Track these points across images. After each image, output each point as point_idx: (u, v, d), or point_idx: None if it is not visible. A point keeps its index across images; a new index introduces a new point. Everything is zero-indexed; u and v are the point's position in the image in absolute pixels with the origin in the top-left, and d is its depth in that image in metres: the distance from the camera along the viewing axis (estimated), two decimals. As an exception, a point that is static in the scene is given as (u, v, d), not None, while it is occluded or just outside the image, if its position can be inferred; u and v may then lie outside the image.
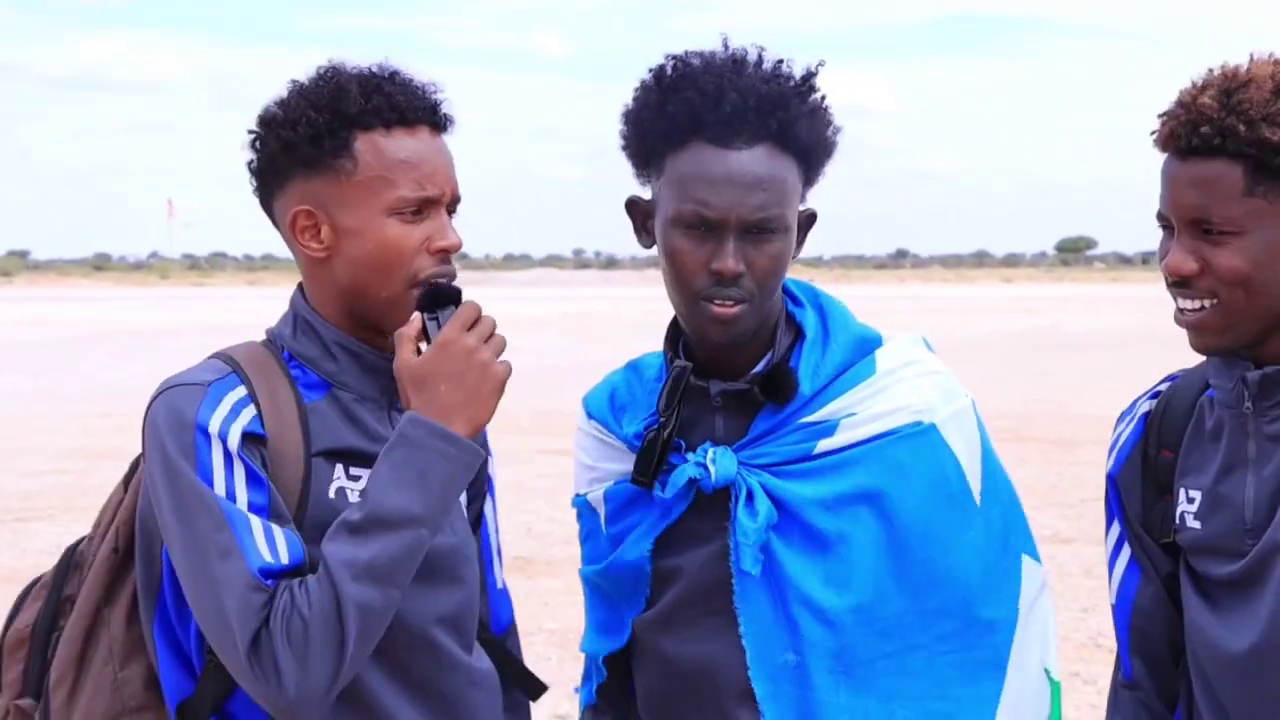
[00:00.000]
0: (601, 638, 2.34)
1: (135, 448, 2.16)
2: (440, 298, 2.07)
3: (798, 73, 2.18)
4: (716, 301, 2.12)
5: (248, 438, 2.01)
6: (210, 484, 1.97)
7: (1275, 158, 2.02)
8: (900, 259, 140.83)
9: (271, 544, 1.97)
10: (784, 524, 2.16)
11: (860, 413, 2.19)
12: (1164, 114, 2.13)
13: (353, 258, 2.09)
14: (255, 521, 1.97)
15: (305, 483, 2.05)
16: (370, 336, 2.14)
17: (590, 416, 2.34)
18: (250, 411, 2.03)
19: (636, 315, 36.30)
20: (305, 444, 2.06)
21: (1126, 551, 2.31)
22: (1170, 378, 2.32)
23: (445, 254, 2.11)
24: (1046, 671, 2.27)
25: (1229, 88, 2.07)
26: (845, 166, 2.25)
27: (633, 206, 2.25)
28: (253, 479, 1.99)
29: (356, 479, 2.08)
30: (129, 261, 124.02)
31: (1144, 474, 2.27)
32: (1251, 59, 2.12)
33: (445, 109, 2.14)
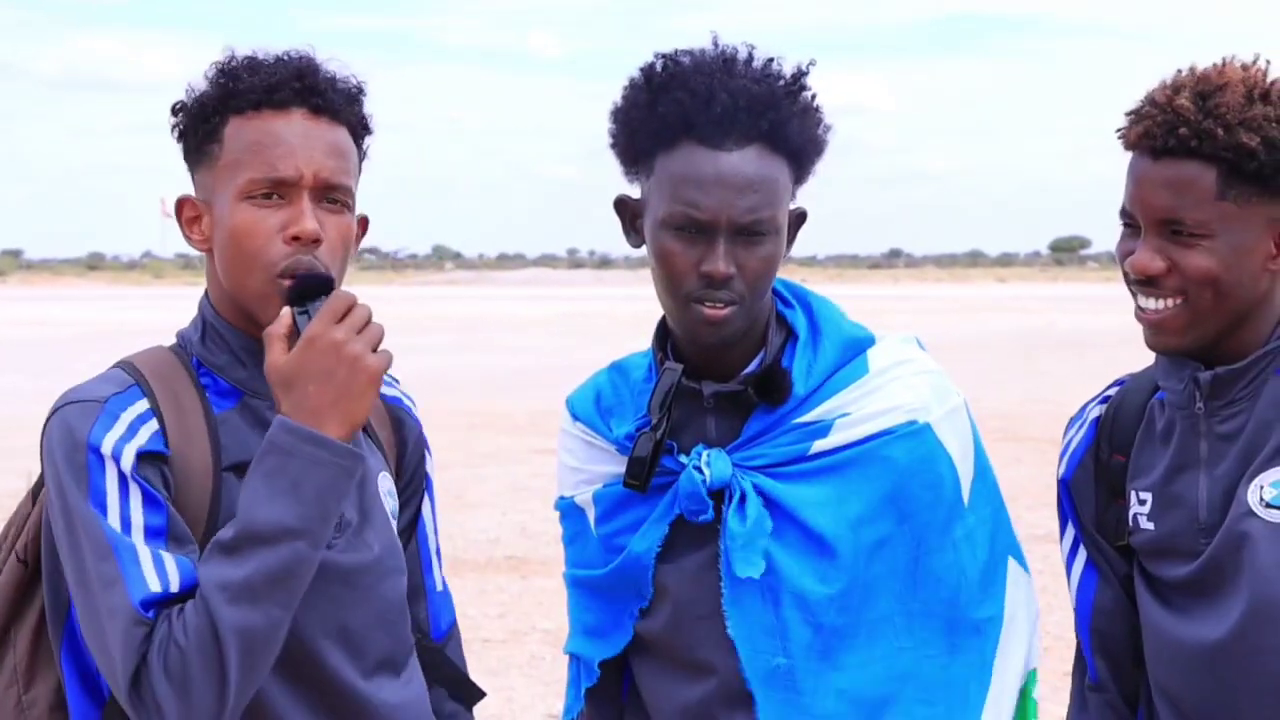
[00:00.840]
0: (594, 641, 2.31)
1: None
2: (309, 290, 1.93)
3: (788, 72, 2.17)
4: (707, 304, 2.10)
5: (144, 457, 1.90)
6: (104, 508, 1.87)
7: (1250, 162, 2.03)
8: (894, 259, 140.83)
9: (161, 572, 1.86)
10: (781, 525, 2.15)
11: (854, 413, 2.18)
12: (1133, 112, 2.14)
13: (219, 245, 1.99)
14: (144, 551, 1.86)
15: (215, 499, 1.94)
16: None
17: (576, 418, 2.32)
18: (151, 427, 1.93)
19: (631, 315, 36.27)
20: (215, 458, 1.95)
21: (1083, 554, 2.32)
22: (1118, 382, 2.33)
23: (299, 240, 1.95)
24: (1031, 675, 2.28)
25: (1204, 90, 2.08)
26: (842, 166, 2.24)
27: (621, 206, 2.23)
28: (149, 501, 1.89)
29: None
30: (123, 261, 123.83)
31: (1096, 478, 2.28)
32: (1223, 62, 2.12)
33: (328, 93, 2.00)
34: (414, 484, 2.25)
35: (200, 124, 1.99)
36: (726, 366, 2.20)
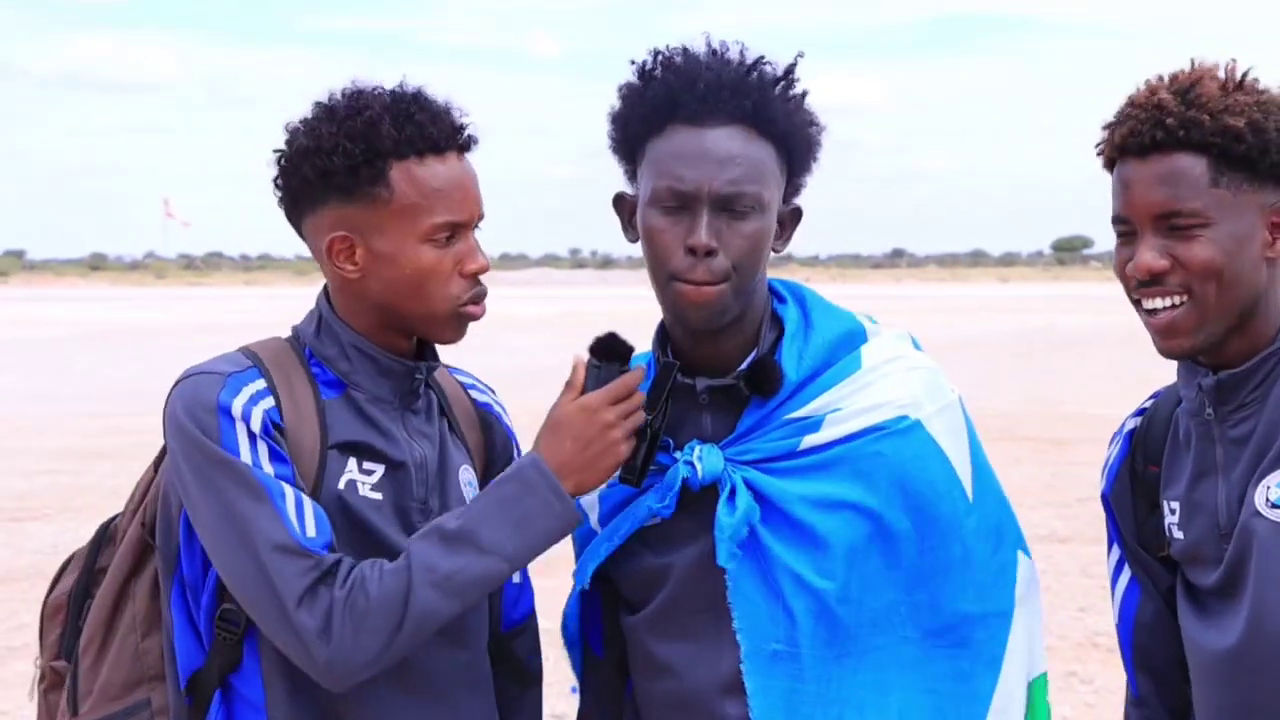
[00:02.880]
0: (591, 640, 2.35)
1: (130, 448, 2.18)
2: (611, 350, 2.16)
3: (778, 66, 2.20)
4: (691, 279, 2.12)
5: (270, 422, 2.09)
6: (237, 457, 2.05)
7: (1238, 146, 2.05)
8: (896, 258, 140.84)
9: (301, 516, 2.05)
10: (772, 519, 2.16)
11: (845, 408, 2.19)
12: (1112, 122, 2.14)
13: (388, 280, 2.16)
14: (289, 490, 2.05)
15: (319, 474, 2.12)
16: (394, 340, 2.21)
17: None
18: (268, 402, 2.11)
19: (633, 314, 36.25)
20: (322, 436, 2.14)
21: (1128, 571, 2.32)
22: (1155, 394, 2.33)
23: (476, 275, 2.17)
24: (1042, 679, 2.27)
25: (1181, 86, 2.10)
26: (843, 166, 2.26)
27: (619, 202, 2.26)
28: (276, 457, 2.07)
29: (369, 473, 2.16)
30: (125, 261, 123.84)
31: (1134, 491, 2.29)
32: (1193, 64, 2.15)
33: (470, 131, 2.20)
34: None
35: (365, 168, 2.12)
36: (721, 362, 2.21)
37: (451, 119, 2.18)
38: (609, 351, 2.16)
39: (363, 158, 2.11)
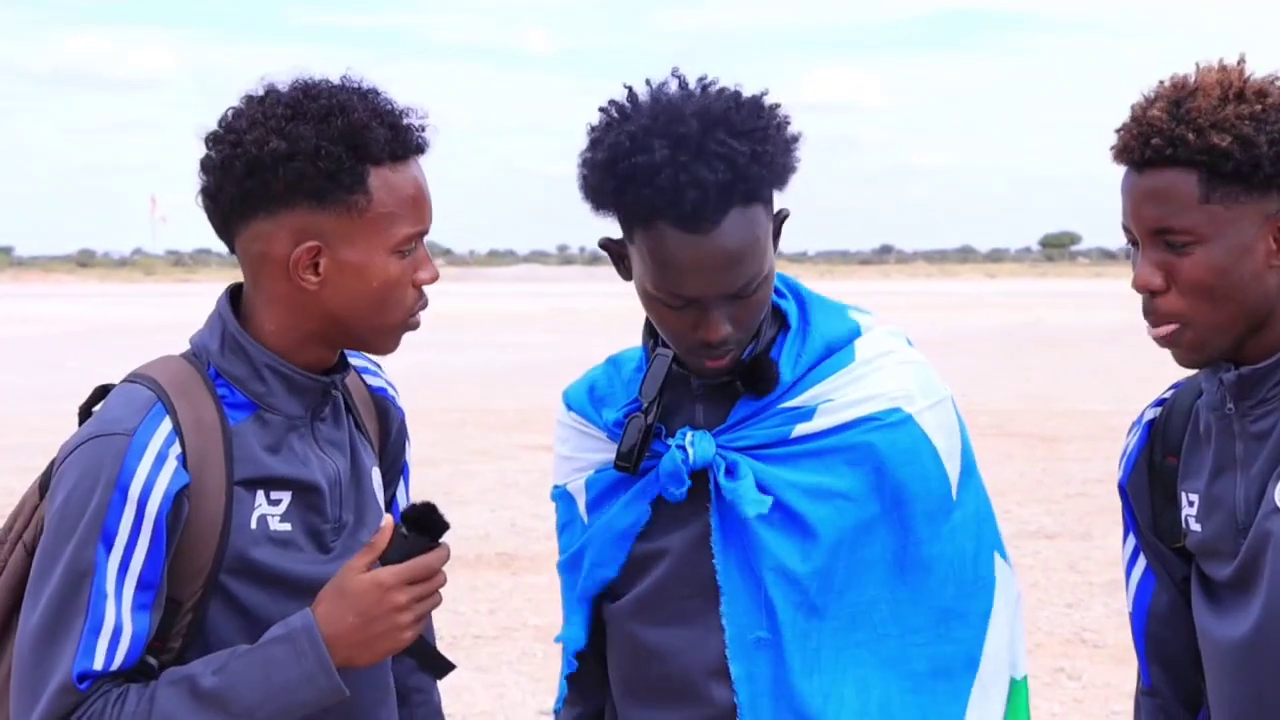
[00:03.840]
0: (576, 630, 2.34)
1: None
2: (424, 523, 2.01)
3: (752, 121, 2.07)
4: (709, 359, 2.13)
5: (174, 496, 1.95)
6: (109, 549, 1.92)
7: (1225, 164, 2.03)
8: (885, 254, 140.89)
9: (113, 650, 1.92)
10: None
11: (838, 399, 2.20)
12: (1119, 128, 2.14)
13: (349, 292, 2.02)
14: (108, 624, 1.92)
15: (226, 516, 1.99)
16: (315, 355, 2.08)
17: (570, 409, 2.34)
18: (175, 451, 1.96)
19: (622, 310, 36.27)
20: (228, 473, 2.00)
21: (1142, 561, 2.32)
22: (1176, 384, 2.33)
23: (426, 285, 2.08)
24: (1023, 683, 2.28)
25: (1177, 98, 2.08)
26: (833, 162, 2.27)
27: (607, 247, 2.21)
28: (154, 553, 1.94)
29: (276, 503, 2.04)
30: (113, 258, 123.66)
31: (1150, 481, 2.28)
32: (1198, 68, 2.13)
33: (425, 133, 2.07)
34: (393, 471, 2.31)
35: (348, 174, 1.98)
36: None
37: (412, 120, 2.04)
38: (422, 523, 2.01)
39: (345, 162, 1.97)
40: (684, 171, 2.02)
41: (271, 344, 2.05)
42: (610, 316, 34.54)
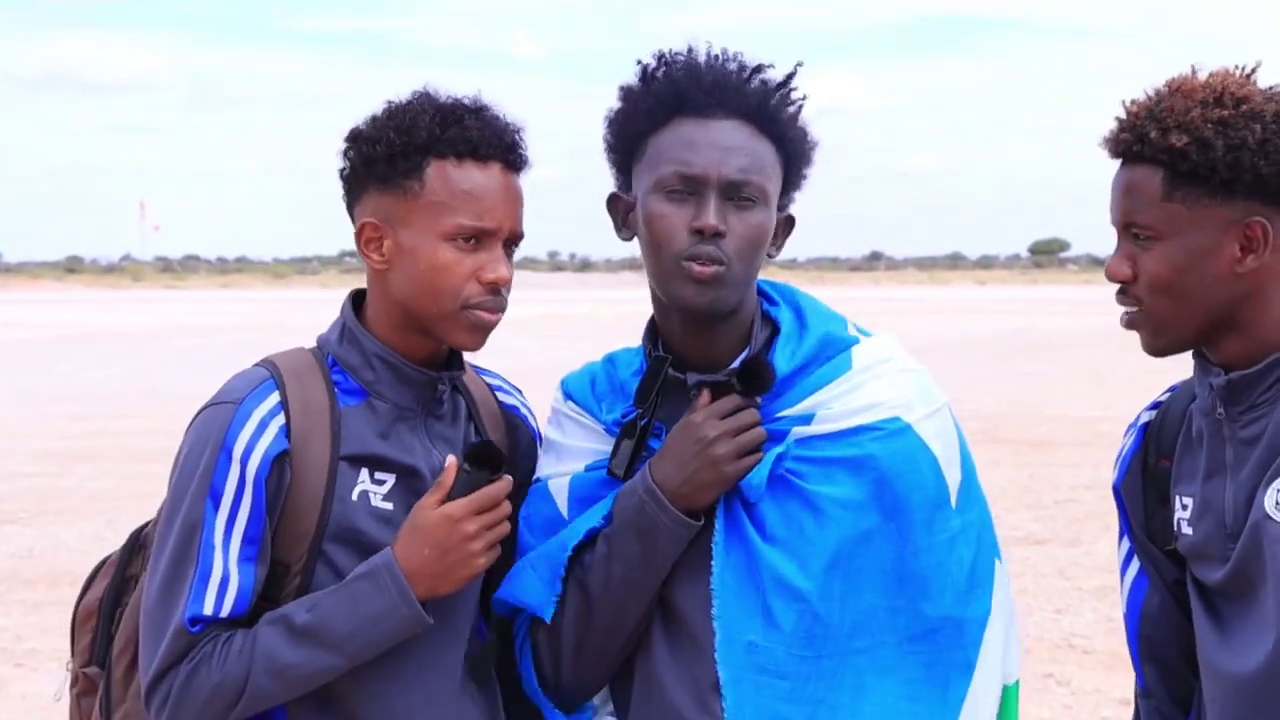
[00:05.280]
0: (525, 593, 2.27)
1: (110, 451, 2.19)
2: (484, 458, 2.17)
3: (779, 72, 2.25)
4: (697, 262, 2.14)
5: (272, 460, 2.15)
6: (216, 506, 2.14)
7: (1183, 163, 2.07)
8: (875, 261, 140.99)
9: (221, 597, 2.14)
10: (756, 510, 2.17)
11: (836, 407, 2.20)
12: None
13: (407, 274, 2.20)
14: (217, 570, 2.13)
15: (329, 487, 2.17)
16: (418, 346, 2.24)
17: (569, 397, 2.35)
18: (278, 422, 2.17)
19: (612, 317, 36.30)
20: (333, 448, 2.19)
21: (1136, 563, 2.33)
22: (1172, 388, 2.34)
23: (494, 285, 2.20)
24: (1014, 688, 2.28)
25: (1159, 97, 2.13)
26: (822, 167, 2.31)
27: (614, 201, 2.28)
28: (256, 511, 2.15)
29: (381, 483, 2.21)
30: (101, 264, 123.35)
31: (1144, 483, 2.30)
32: (1194, 71, 2.15)
33: (522, 150, 2.24)
34: (523, 490, 2.36)
35: (402, 159, 2.18)
36: (713, 359, 2.23)
37: (502, 133, 2.21)
38: (482, 458, 2.18)
39: (400, 149, 2.17)
40: (707, 64, 2.22)
41: (381, 335, 2.24)
42: (602, 323, 34.55)
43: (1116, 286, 2.16)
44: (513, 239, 2.23)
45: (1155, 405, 2.34)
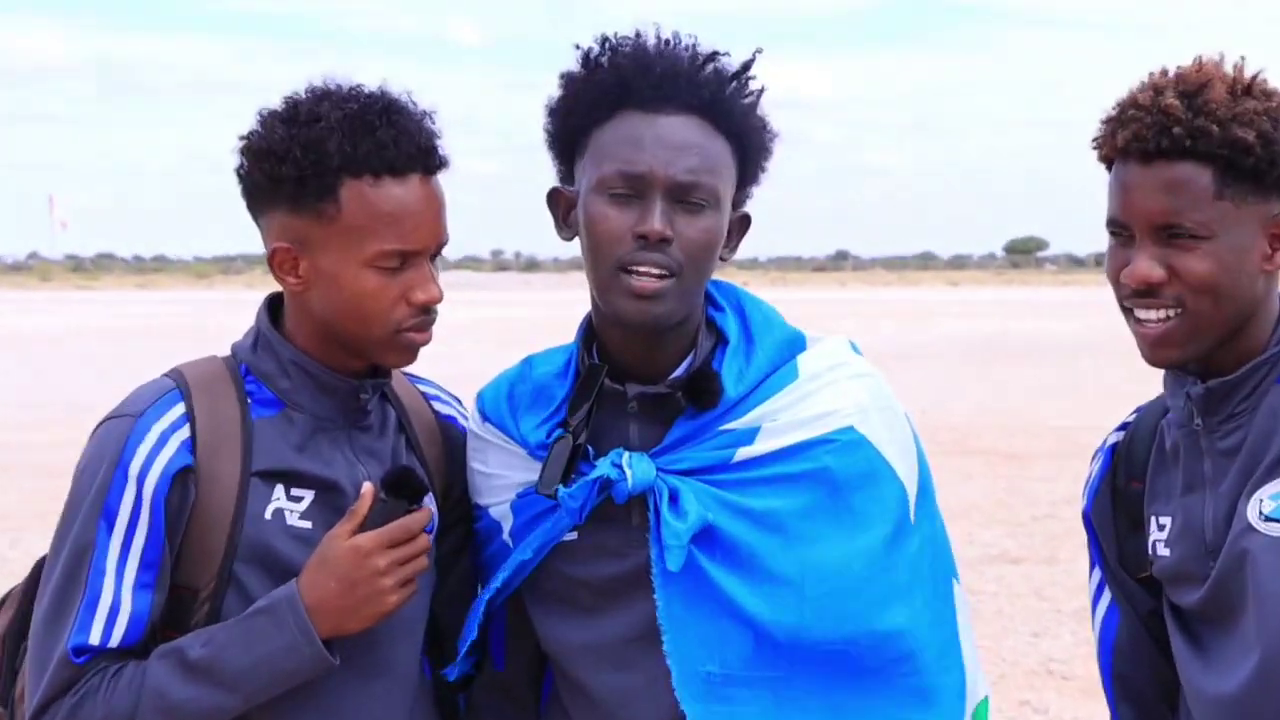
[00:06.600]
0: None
1: (12, 465, 2.16)
2: (402, 486, 2.15)
3: (735, 60, 2.20)
4: (640, 270, 2.10)
5: (171, 476, 2.12)
6: (110, 528, 2.10)
7: (1246, 158, 2.08)
8: (841, 261, 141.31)
9: (109, 629, 2.10)
10: (702, 533, 2.14)
11: (783, 419, 2.18)
12: (1113, 118, 2.16)
13: (329, 298, 2.16)
14: (106, 600, 2.10)
15: (240, 504, 2.14)
16: (341, 357, 2.21)
17: (486, 418, 2.30)
18: (180, 436, 2.14)
19: (562, 320, 36.17)
20: (244, 463, 2.15)
21: (1108, 595, 2.35)
22: (1139, 409, 2.36)
23: (425, 306, 2.17)
24: (983, 704, 2.29)
25: (1187, 89, 2.12)
26: (782, 161, 2.28)
27: (555, 196, 2.24)
28: (154, 533, 2.11)
29: (297, 499, 2.18)
30: (7, 263, 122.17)
31: (1115, 508, 2.31)
32: (1199, 61, 2.16)
33: (440, 151, 2.19)
34: (462, 505, 2.35)
35: (314, 180, 2.12)
36: (653, 368, 2.20)
37: (419, 138, 2.16)
38: (400, 486, 2.15)
39: (312, 170, 2.11)
40: (656, 52, 2.16)
41: (300, 344, 2.21)
42: (549, 328, 34.46)
43: (1097, 287, 2.17)
44: (439, 249, 2.21)
45: (1123, 426, 2.35)
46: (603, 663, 2.21)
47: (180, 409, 2.15)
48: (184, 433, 2.13)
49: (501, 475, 2.28)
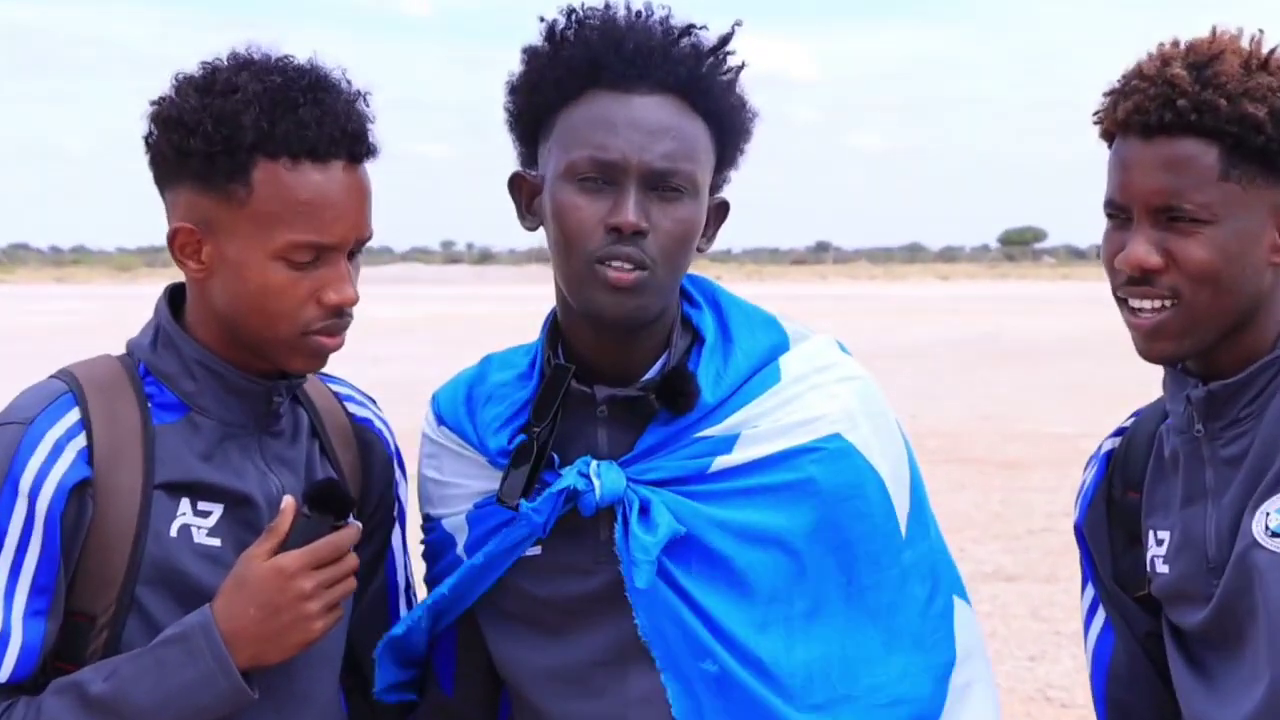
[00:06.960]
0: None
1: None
2: (327, 501, 2.11)
3: (712, 35, 2.20)
4: (613, 264, 2.10)
5: (68, 490, 2.05)
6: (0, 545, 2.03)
7: (1256, 136, 2.07)
8: (821, 253, 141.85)
9: None
10: (679, 548, 2.13)
11: (764, 425, 2.18)
12: (1116, 91, 2.16)
13: (231, 289, 2.11)
14: None
15: (142, 520, 2.08)
16: (247, 357, 2.16)
17: (442, 421, 2.30)
18: (77, 445, 2.07)
19: (517, 317, 36.13)
20: (146, 475, 2.10)
21: (1101, 614, 2.34)
22: (1136, 413, 2.35)
23: (338, 308, 2.12)
24: None
25: (1198, 61, 2.11)
26: (760, 144, 2.27)
27: (518, 182, 2.23)
28: (47, 556, 2.04)
29: (205, 514, 2.12)
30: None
31: (1110, 520, 2.31)
32: (1214, 32, 2.16)
33: (369, 138, 2.14)
34: (379, 513, 2.34)
35: (224, 157, 2.06)
36: (624, 369, 2.20)
37: (346, 121, 2.11)
38: (325, 500, 2.12)
39: (223, 146, 2.06)
40: (629, 26, 2.15)
41: (203, 339, 2.15)
42: (504, 325, 34.43)
43: (1099, 282, 2.16)
44: (359, 246, 2.16)
45: (1119, 432, 2.35)
46: (569, 689, 2.20)
47: (75, 415, 2.08)
48: (80, 441, 2.07)
49: (458, 484, 2.27)
